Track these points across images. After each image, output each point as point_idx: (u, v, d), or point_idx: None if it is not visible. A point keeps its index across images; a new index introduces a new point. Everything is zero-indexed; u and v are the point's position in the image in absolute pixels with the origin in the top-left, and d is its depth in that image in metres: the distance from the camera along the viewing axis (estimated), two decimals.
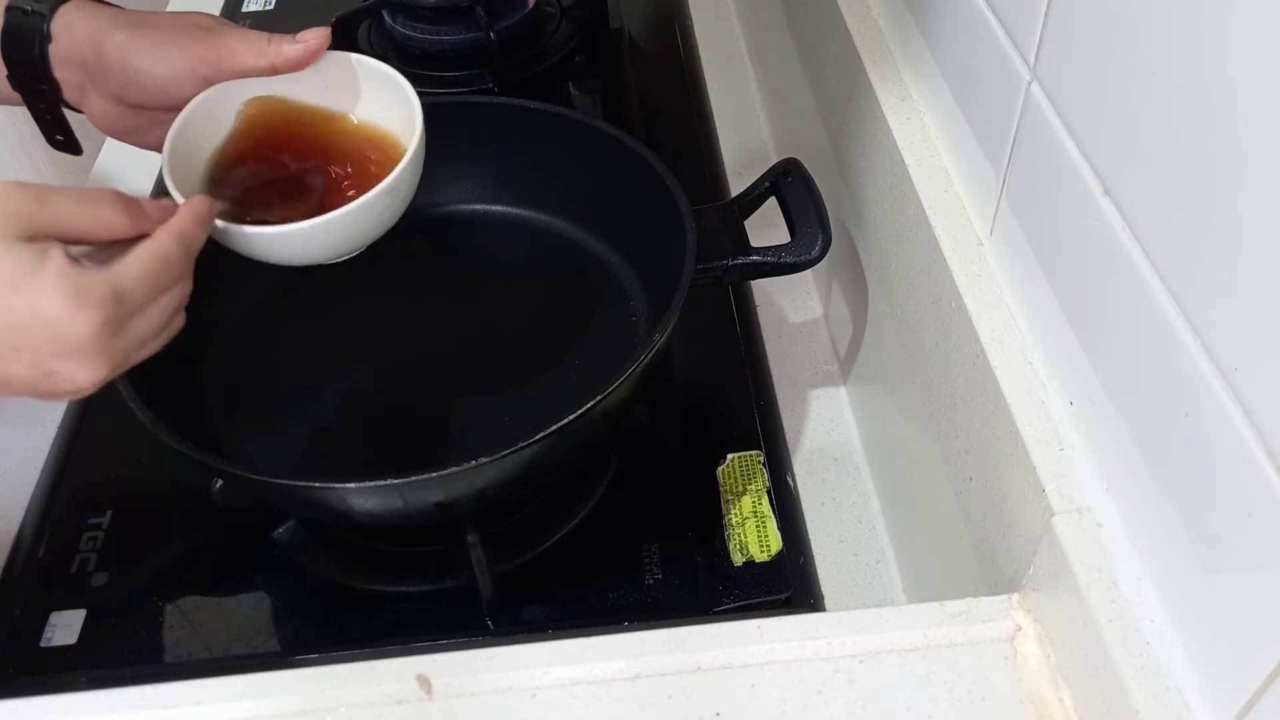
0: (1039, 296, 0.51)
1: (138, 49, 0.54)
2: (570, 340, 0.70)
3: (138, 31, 0.54)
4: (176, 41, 0.54)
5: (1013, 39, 0.52)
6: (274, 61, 0.55)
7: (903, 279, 0.64)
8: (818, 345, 0.80)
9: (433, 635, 0.61)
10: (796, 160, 0.68)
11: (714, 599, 0.61)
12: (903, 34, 0.67)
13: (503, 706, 0.47)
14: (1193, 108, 0.38)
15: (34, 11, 0.55)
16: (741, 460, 0.68)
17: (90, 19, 0.55)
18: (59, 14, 0.55)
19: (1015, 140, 0.52)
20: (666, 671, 0.48)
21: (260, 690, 0.47)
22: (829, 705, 0.47)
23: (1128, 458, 0.44)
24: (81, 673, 0.60)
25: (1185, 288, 0.39)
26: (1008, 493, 0.51)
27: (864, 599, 0.66)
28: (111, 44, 0.54)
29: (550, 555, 0.64)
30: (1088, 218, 0.45)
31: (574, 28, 1.00)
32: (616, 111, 0.96)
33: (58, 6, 0.55)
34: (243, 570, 0.65)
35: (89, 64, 0.55)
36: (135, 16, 0.55)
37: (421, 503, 0.57)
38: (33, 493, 0.69)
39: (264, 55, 0.55)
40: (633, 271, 0.73)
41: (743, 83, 1.03)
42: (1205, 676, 0.40)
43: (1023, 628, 0.49)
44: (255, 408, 0.67)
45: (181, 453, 0.55)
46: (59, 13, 0.55)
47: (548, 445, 0.54)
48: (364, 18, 0.98)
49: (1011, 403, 0.50)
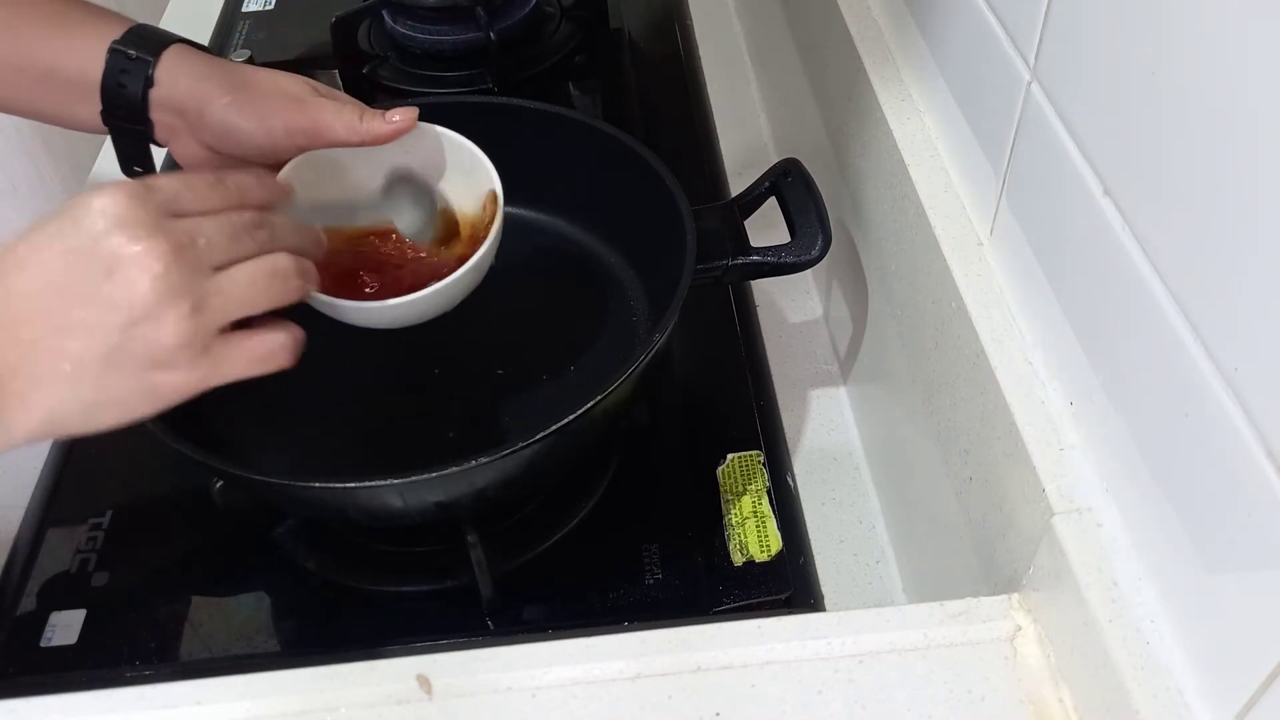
0: (1039, 296, 0.51)
1: (241, 115, 0.56)
2: (570, 340, 0.70)
3: (241, 96, 0.56)
4: (277, 111, 0.56)
5: (1013, 39, 0.52)
6: (364, 138, 0.57)
7: (903, 279, 0.64)
8: (818, 345, 0.80)
9: (433, 635, 0.61)
10: (796, 160, 0.68)
11: (714, 599, 0.61)
12: (903, 34, 0.67)
13: (503, 706, 0.47)
14: (1193, 107, 0.38)
15: (139, 58, 0.56)
16: (741, 460, 0.68)
17: (194, 74, 0.56)
18: (162, 61, 0.56)
19: (1015, 140, 0.52)
20: (666, 671, 0.48)
21: (260, 690, 0.47)
22: (829, 705, 0.47)
23: (1128, 458, 0.44)
24: (81, 673, 0.60)
25: (1185, 288, 0.39)
26: (1008, 493, 0.51)
27: (864, 599, 0.66)
28: (216, 106, 0.56)
29: (550, 555, 0.64)
30: (1088, 218, 0.45)
31: (574, 28, 1.00)
32: (616, 111, 0.96)
33: (160, 52, 0.56)
34: (243, 570, 0.65)
35: (188, 115, 0.57)
36: (237, 78, 0.57)
37: (421, 503, 0.57)
38: (33, 493, 0.69)
39: (356, 133, 0.57)
40: (633, 271, 0.73)
41: (743, 83, 1.03)
42: (1205, 676, 0.40)
43: (1023, 628, 0.49)
44: (255, 408, 0.67)
45: (181, 453, 0.55)
46: (162, 60, 0.56)
47: (548, 445, 0.54)
48: (364, 18, 0.98)
49: (1011, 403, 0.50)
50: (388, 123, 0.57)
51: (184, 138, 0.58)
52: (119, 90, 0.56)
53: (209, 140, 0.57)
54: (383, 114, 0.57)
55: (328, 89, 0.60)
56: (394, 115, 0.57)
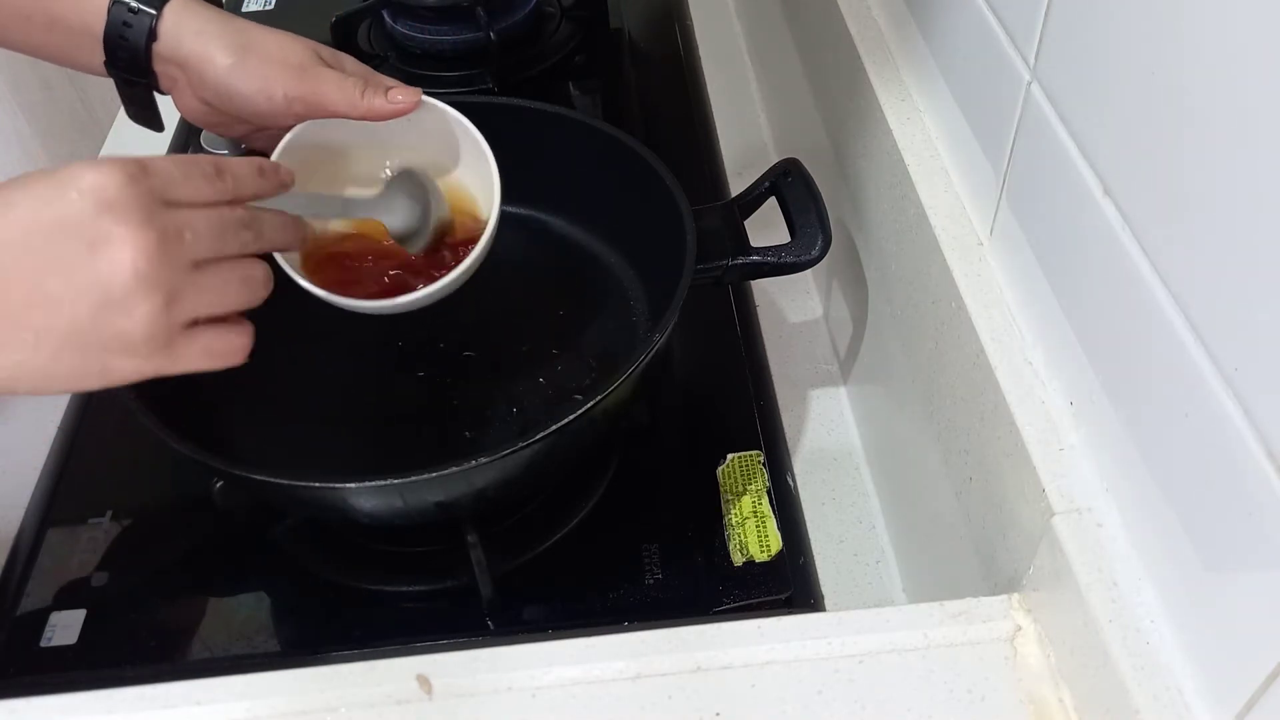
0: (1039, 296, 0.51)
1: (242, 78, 0.56)
2: (570, 340, 0.70)
3: (243, 60, 0.56)
4: (279, 78, 0.56)
5: (1013, 39, 0.52)
6: (364, 113, 0.57)
7: (903, 279, 0.64)
8: (818, 345, 0.80)
9: (433, 635, 0.61)
10: (796, 160, 0.68)
11: (714, 599, 0.61)
12: (903, 34, 0.67)
13: (503, 706, 0.47)
14: (1193, 107, 0.38)
15: (140, 10, 0.55)
16: (741, 460, 0.68)
17: (197, 31, 0.56)
18: (165, 15, 0.56)
19: (1015, 140, 0.52)
20: (666, 671, 0.48)
21: (260, 690, 0.47)
22: (829, 705, 0.47)
23: (1128, 458, 0.44)
24: (81, 673, 0.60)
25: (1185, 288, 0.39)
26: (1008, 493, 0.51)
27: (864, 599, 0.66)
28: (216, 67, 0.56)
29: (550, 555, 0.64)
30: (1088, 218, 0.45)
31: (574, 28, 1.00)
32: (616, 111, 0.96)
33: (164, 5, 0.56)
34: (243, 570, 0.65)
35: (189, 71, 0.57)
36: (241, 39, 0.56)
37: (421, 503, 0.57)
38: (33, 493, 0.69)
39: (356, 107, 0.57)
40: (633, 271, 0.73)
41: (743, 83, 1.03)
42: (1205, 676, 0.40)
43: (1023, 628, 0.49)
44: (255, 408, 0.67)
45: (181, 453, 0.55)
46: (165, 13, 0.56)
47: (548, 445, 0.54)
48: (364, 17, 0.98)
49: (1011, 403, 0.50)
50: (389, 101, 0.57)
51: (185, 91, 0.58)
52: (120, 43, 0.56)
53: (209, 98, 0.57)
54: (385, 91, 0.57)
55: (334, 54, 0.59)
56: (397, 94, 0.57)
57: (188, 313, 0.45)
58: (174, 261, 0.44)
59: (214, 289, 0.46)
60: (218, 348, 0.48)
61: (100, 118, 1.45)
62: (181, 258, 0.45)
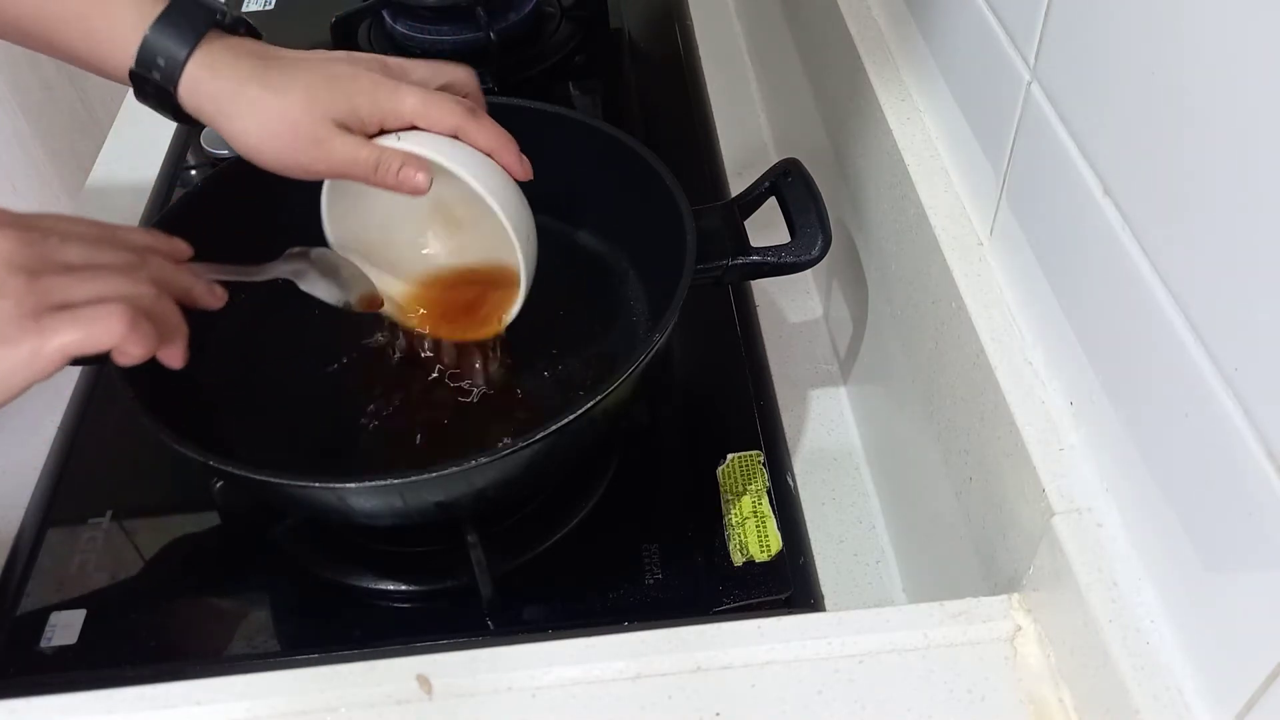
0: (1039, 296, 0.51)
1: (258, 152, 0.57)
2: (570, 340, 0.70)
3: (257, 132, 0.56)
4: (291, 152, 0.56)
5: (1013, 39, 0.52)
6: (379, 186, 0.58)
7: (903, 279, 0.64)
8: (818, 345, 0.80)
9: (433, 635, 0.61)
10: (796, 160, 0.68)
11: (714, 599, 0.61)
12: (903, 34, 0.67)
13: (503, 706, 0.47)
14: (1192, 107, 0.38)
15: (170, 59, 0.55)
16: (741, 460, 0.68)
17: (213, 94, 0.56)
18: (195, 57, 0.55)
19: (1015, 140, 0.52)
20: (666, 671, 0.48)
21: (260, 690, 0.47)
22: (829, 705, 0.47)
23: (1128, 458, 0.44)
24: (81, 673, 0.60)
25: (1185, 288, 0.39)
26: (1008, 493, 0.51)
27: (864, 599, 0.66)
28: (232, 136, 0.57)
29: (550, 555, 0.64)
30: (1088, 217, 0.45)
31: (574, 28, 1.00)
32: (616, 111, 0.96)
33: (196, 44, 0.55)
34: (243, 570, 0.65)
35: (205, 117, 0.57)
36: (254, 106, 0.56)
37: (421, 503, 0.57)
38: (33, 493, 0.69)
39: (370, 181, 0.58)
40: (633, 271, 0.73)
41: (743, 83, 1.03)
42: (1205, 676, 0.40)
43: (1023, 628, 0.49)
44: (255, 408, 0.67)
45: (181, 453, 0.55)
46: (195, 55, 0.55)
47: (548, 445, 0.54)
48: (364, 18, 0.98)
49: (1011, 403, 0.50)
50: (399, 182, 0.57)
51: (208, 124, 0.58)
52: (147, 76, 0.56)
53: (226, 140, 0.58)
54: (396, 171, 0.57)
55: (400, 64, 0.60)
56: (408, 172, 0.57)
57: (55, 293, 0.48)
58: (41, 253, 0.48)
59: (86, 280, 0.49)
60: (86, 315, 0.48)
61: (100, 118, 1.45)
62: (50, 254, 0.48)
